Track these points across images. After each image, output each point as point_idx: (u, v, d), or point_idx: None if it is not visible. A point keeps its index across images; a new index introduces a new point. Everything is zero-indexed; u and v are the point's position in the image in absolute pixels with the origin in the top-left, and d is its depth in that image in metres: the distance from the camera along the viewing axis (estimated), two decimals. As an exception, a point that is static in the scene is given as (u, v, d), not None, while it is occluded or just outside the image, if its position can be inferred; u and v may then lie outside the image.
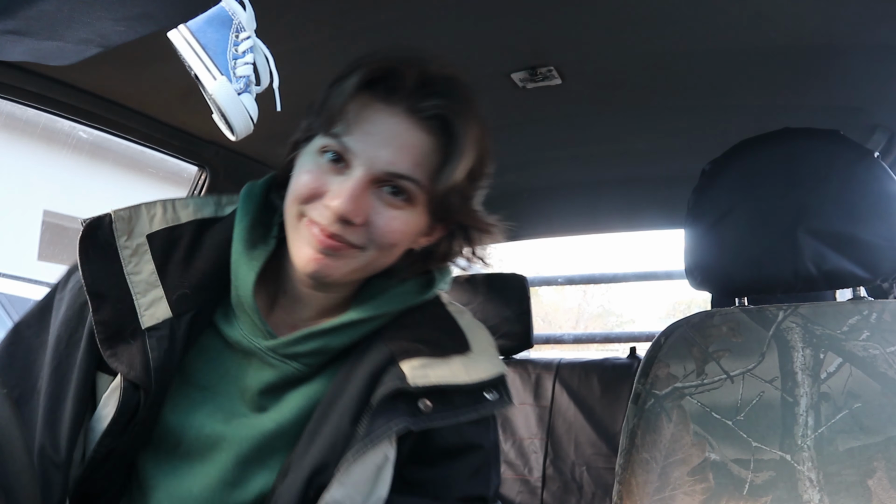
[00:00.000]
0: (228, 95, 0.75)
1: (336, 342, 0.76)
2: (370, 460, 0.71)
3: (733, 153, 1.12)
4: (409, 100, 0.73)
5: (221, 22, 0.76)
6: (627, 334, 3.06)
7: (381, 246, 0.74)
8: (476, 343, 0.80)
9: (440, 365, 0.74)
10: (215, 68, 0.75)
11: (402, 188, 0.73)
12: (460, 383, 0.74)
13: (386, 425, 0.71)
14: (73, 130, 4.53)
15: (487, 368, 0.77)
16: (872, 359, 0.99)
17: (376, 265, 0.76)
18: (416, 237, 0.79)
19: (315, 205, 0.72)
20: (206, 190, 1.55)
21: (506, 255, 5.50)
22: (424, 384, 0.72)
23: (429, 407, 0.72)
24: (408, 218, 0.74)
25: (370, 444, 0.70)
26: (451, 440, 0.77)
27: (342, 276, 0.74)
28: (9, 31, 0.76)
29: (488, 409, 0.77)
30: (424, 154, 0.73)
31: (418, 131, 0.73)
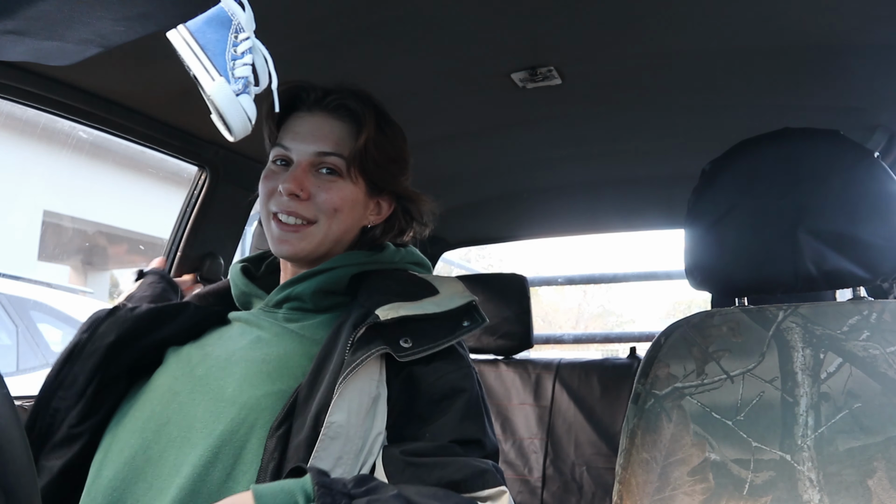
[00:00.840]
0: (226, 96, 0.75)
1: (300, 289, 0.94)
2: (363, 388, 0.81)
3: (733, 153, 1.12)
4: (318, 101, 0.97)
5: (220, 23, 0.76)
6: (627, 334, 3.07)
7: (327, 213, 0.94)
8: (445, 289, 0.92)
9: (411, 305, 0.87)
10: (214, 69, 0.75)
11: (332, 166, 0.95)
12: (430, 313, 0.86)
13: (367, 350, 0.82)
14: (73, 130, 4.53)
15: (456, 301, 0.89)
16: (872, 359, 0.99)
17: (333, 234, 0.95)
18: (360, 209, 0.98)
19: (273, 199, 0.95)
20: (206, 190, 1.55)
21: (506, 255, 5.51)
22: (395, 316, 0.84)
23: (409, 342, 0.84)
24: (342, 186, 0.95)
25: (357, 367, 0.80)
26: (436, 386, 0.85)
27: (309, 251, 0.95)
28: (9, 31, 0.77)
29: (464, 333, 0.88)
30: (341, 137, 0.96)
31: (331, 120, 0.96)
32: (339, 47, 1.18)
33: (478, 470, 0.79)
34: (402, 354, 0.83)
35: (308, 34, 1.13)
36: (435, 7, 1.08)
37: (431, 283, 0.94)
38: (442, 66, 1.28)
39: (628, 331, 3.10)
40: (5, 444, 0.56)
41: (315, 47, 1.17)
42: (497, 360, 2.26)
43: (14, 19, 0.74)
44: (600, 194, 2.09)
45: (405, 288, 0.91)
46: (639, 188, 2.00)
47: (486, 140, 1.67)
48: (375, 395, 0.82)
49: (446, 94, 1.40)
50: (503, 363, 2.24)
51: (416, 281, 0.95)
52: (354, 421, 0.80)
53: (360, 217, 0.99)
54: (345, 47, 1.18)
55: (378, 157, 0.97)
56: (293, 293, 0.95)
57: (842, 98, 1.38)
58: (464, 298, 0.90)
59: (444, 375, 0.86)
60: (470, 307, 0.90)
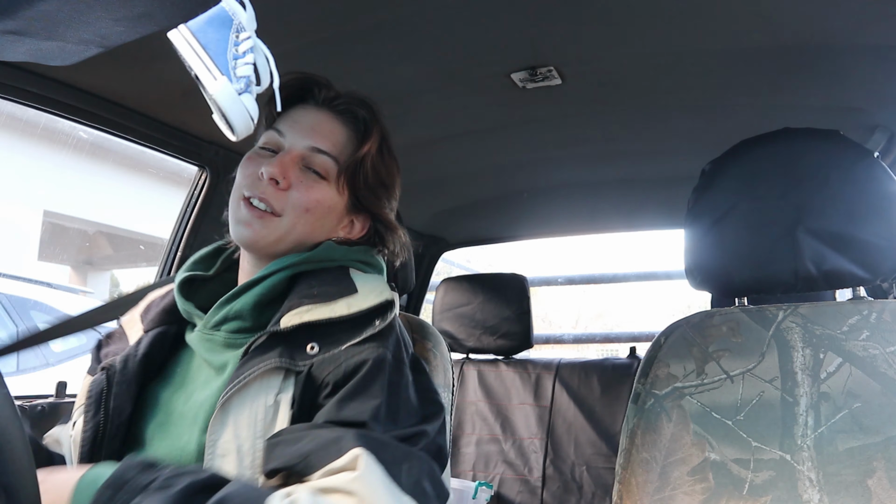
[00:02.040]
0: (229, 96, 0.75)
1: (237, 306, 0.87)
2: (256, 400, 0.77)
3: (733, 153, 1.12)
4: (326, 99, 0.94)
5: (221, 22, 0.76)
6: (627, 334, 3.07)
7: (297, 210, 0.88)
8: (364, 287, 0.85)
9: (321, 308, 0.81)
10: (216, 68, 0.75)
11: (321, 168, 0.90)
12: (337, 316, 0.80)
13: (256, 366, 0.77)
14: (73, 130, 4.53)
15: (371, 300, 0.83)
16: (872, 359, 0.99)
17: (295, 233, 0.89)
18: (334, 219, 0.93)
19: (250, 182, 0.89)
20: (206, 190, 1.55)
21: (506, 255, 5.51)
22: (295, 323, 0.80)
23: (315, 348, 0.79)
24: (324, 189, 0.90)
25: (239, 384, 0.77)
26: (333, 374, 0.78)
27: (269, 242, 0.89)
28: (9, 31, 0.76)
29: (372, 331, 0.80)
30: (341, 140, 0.92)
31: (334, 122, 0.93)
32: (339, 47, 1.18)
33: (330, 439, 0.71)
34: (304, 362, 0.78)
35: (308, 34, 1.13)
36: (435, 8, 1.08)
37: (353, 281, 0.87)
38: (442, 66, 1.28)
39: (628, 331, 3.09)
40: (5, 444, 0.56)
41: (315, 47, 1.17)
42: (497, 360, 2.26)
43: (14, 19, 0.74)
44: (600, 194, 2.09)
45: (322, 288, 0.85)
46: (639, 188, 2.01)
47: (486, 140, 1.67)
48: (273, 402, 0.77)
49: (446, 94, 1.40)
50: (503, 363, 2.24)
51: (337, 279, 0.87)
52: (246, 434, 0.75)
53: (330, 227, 0.93)
54: (345, 47, 1.18)
55: (371, 176, 0.94)
56: (231, 312, 0.87)
57: (842, 98, 1.38)
58: (378, 297, 0.83)
59: (343, 362, 0.78)
60: (385, 305, 0.83)
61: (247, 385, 0.77)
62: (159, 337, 0.91)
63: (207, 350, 0.87)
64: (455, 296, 2.26)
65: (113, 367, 0.87)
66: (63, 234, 6.48)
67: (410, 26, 1.13)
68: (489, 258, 3.30)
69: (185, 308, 0.92)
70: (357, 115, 0.94)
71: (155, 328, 0.92)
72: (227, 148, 1.52)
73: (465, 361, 2.28)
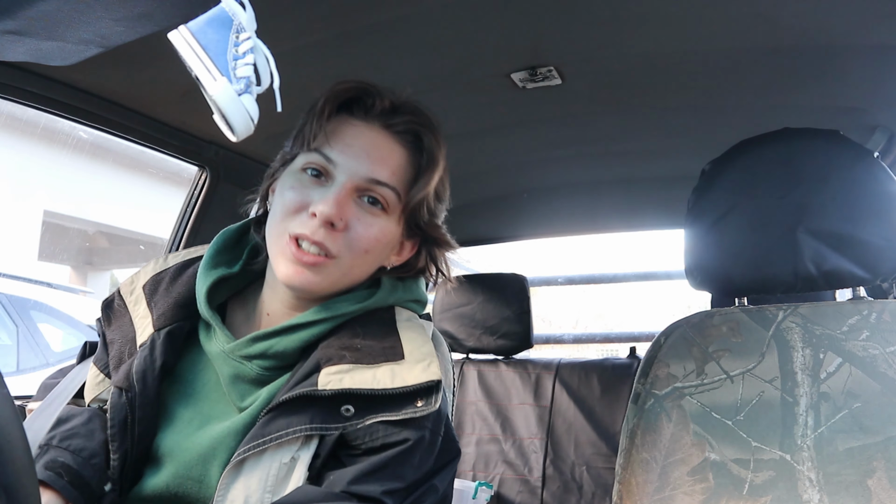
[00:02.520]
0: (229, 96, 0.75)
1: (280, 346, 0.80)
2: (271, 460, 0.73)
3: (733, 153, 1.12)
4: (383, 116, 0.82)
5: (221, 23, 0.75)
6: (627, 334, 3.06)
7: (355, 252, 0.79)
8: (412, 352, 0.78)
9: (363, 371, 0.75)
10: (216, 69, 0.75)
11: (380, 197, 0.80)
12: (380, 388, 0.74)
13: (284, 429, 0.73)
14: (73, 130, 4.53)
15: (417, 376, 0.75)
16: (872, 359, 0.99)
17: (352, 276, 0.82)
18: (389, 250, 0.85)
19: (299, 217, 0.78)
20: (206, 190, 1.55)
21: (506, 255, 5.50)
22: (335, 389, 0.73)
23: (350, 412, 0.74)
24: (383, 226, 0.81)
25: (261, 445, 0.72)
26: (371, 444, 0.74)
27: (323, 288, 0.80)
28: (9, 31, 0.77)
29: (411, 415, 0.74)
30: (400, 165, 0.82)
31: (394, 144, 0.82)
32: (339, 47, 1.18)
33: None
34: (336, 426, 0.73)
35: (308, 34, 1.13)
36: (435, 7, 1.08)
37: (400, 338, 0.80)
38: (442, 66, 1.28)
39: (628, 331, 3.09)
40: (5, 444, 0.56)
41: (315, 47, 1.17)
42: (497, 360, 2.26)
43: (14, 19, 0.74)
44: (600, 194, 2.09)
45: (366, 342, 0.78)
46: (639, 188, 2.00)
47: (486, 140, 1.67)
48: (289, 460, 0.73)
49: (446, 94, 1.40)
50: (503, 363, 2.24)
51: (383, 332, 0.80)
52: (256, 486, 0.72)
53: (384, 258, 0.85)
54: (345, 47, 1.18)
55: (433, 203, 0.85)
56: (271, 351, 0.79)
57: (842, 98, 1.38)
58: (425, 374, 0.76)
59: (381, 437, 0.74)
60: (431, 387, 0.76)
61: (266, 449, 0.73)
62: (173, 338, 0.84)
63: (232, 380, 0.81)
64: (455, 296, 2.26)
65: (132, 387, 0.79)
66: (63, 234, 6.48)
67: (410, 26, 1.13)
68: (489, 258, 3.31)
69: (209, 317, 0.83)
70: (421, 136, 0.83)
71: (167, 326, 0.84)
72: (227, 148, 1.52)
73: (465, 361, 2.28)
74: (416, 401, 0.75)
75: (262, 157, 1.57)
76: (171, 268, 0.90)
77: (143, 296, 0.88)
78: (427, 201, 0.83)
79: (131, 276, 0.92)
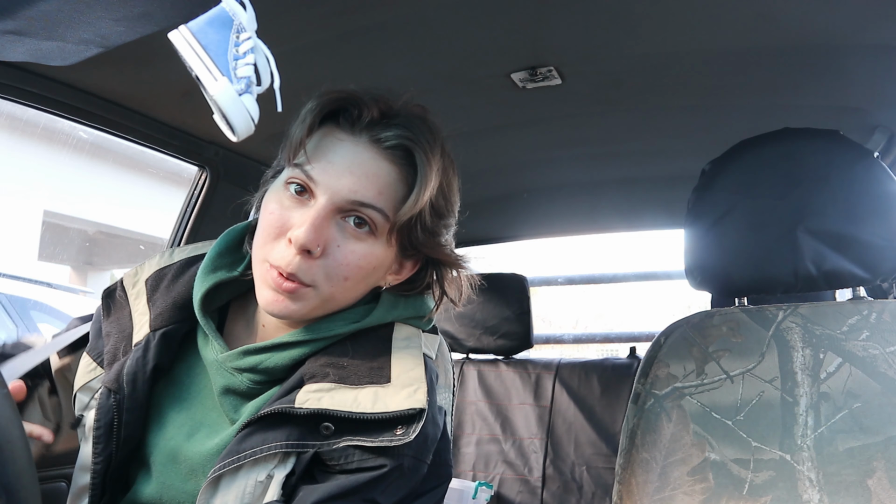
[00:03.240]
0: (229, 96, 0.75)
1: (271, 362, 0.77)
2: (247, 477, 0.70)
3: (733, 153, 1.12)
4: (372, 130, 0.75)
5: (222, 22, 0.75)
6: (627, 334, 3.06)
7: (334, 280, 0.74)
8: (400, 375, 0.74)
9: (345, 392, 0.72)
10: (216, 69, 0.75)
11: (366, 218, 0.74)
12: (358, 412, 0.70)
13: (259, 445, 0.70)
14: (73, 130, 4.53)
15: (400, 402, 0.71)
16: (872, 359, 0.99)
17: (336, 301, 0.77)
18: (381, 272, 0.79)
19: (278, 245, 0.74)
20: (206, 190, 1.55)
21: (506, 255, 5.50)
22: (312, 408, 0.70)
23: (330, 429, 0.71)
24: (368, 250, 0.75)
25: (236, 462, 0.70)
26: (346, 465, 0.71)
27: (302, 315, 0.76)
28: (9, 31, 0.77)
29: (386, 443, 0.70)
30: (388, 184, 0.74)
31: (381, 160, 0.74)
32: (339, 47, 1.18)
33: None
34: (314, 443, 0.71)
35: (308, 34, 1.13)
36: (435, 8, 1.08)
37: (391, 360, 0.76)
38: (442, 66, 1.28)
39: (628, 331, 3.09)
40: (5, 443, 0.56)
41: (315, 47, 1.17)
42: (497, 360, 2.26)
43: (14, 19, 0.74)
44: (600, 194, 2.09)
45: (354, 362, 0.75)
46: (639, 188, 2.01)
47: (486, 140, 1.67)
48: (265, 478, 0.71)
49: (446, 94, 1.40)
50: (503, 363, 2.24)
51: (374, 352, 0.77)
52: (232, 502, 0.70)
53: (375, 281, 0.79)
54: (345, 47, 1.18)
55: (430, 221, 0.77)
56: (261, 366, 0.77)
57: (842, 98, 1.38)
58: (407, 401, 0.71)
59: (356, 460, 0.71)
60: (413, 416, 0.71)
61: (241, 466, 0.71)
62: (168, 339, 0.82)
63: (223, 391, 0.79)
64: (455, 296, 2.25)
65: (121, 389, 0.77)
66: (63, 234, 6.48)
67: (410, 26, 1.13)
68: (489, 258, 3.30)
69: (203, 324, 0.81)
70: (411, 150, 0.75)
71: (163, 328, 0.82)
72: (227, 148, 1.52)
73: (465, 361, 2.28)
74: (396, 428, 0.71)
75: (262, 157, 1.57)
76: (176, 264, 0.88)
77: (144, 290, 0.86)
78: (421, 219, 0.76)
79: (135, 268, 0.89)
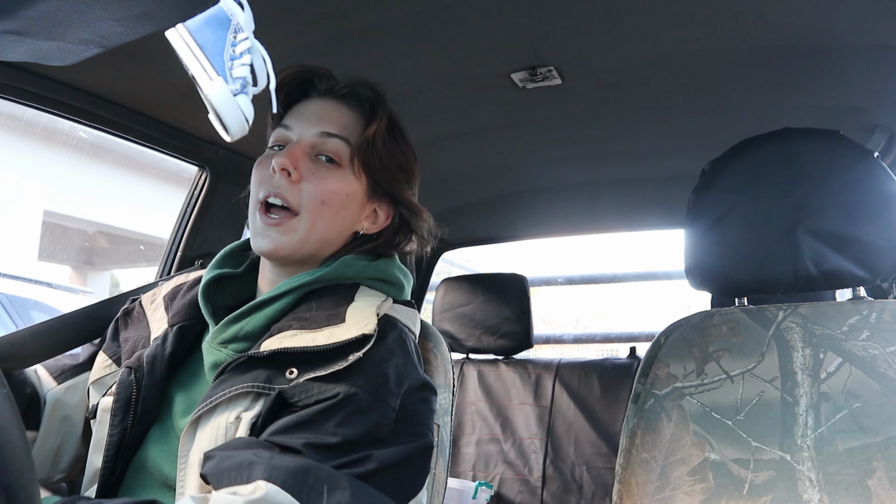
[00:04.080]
0: (224, 96, 0.75)
1: (249, 326, 0.85)
2: (219, 418, 0.77)
3: (733, 153, 1.12)
4: (328, 87, 0.94)
5: (219, 22, 0.75)
6: (627, 334, 3.07)
7: (314, 204, 0.86)
8: (355, 315, 0.82)
9: (304, 335, 0.80)
10: (212, 69, 0.75)
11: (333, 153, 0.89)
12: (314, 346, 0.78)
13: (226, 389, 0.78)
14: (73, 130, 4.53)
15: (352, 331, 0.79)
16: (872, 359, 0.99)
17: (318, 232, 0.87)
18: (354, 208, 0.90)
19: (264, 183, 0.87)
20: (206, 190, 1.55)
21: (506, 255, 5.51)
22: (273, 349, 0.79)
23: (293, 373, 0.78)
24: (340, 177, 0.89)
25: (207, 406, 0.78)
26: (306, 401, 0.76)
27: (291, 249, 0.87)
28: (9, 31, 0.76)
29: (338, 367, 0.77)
30: (349, 123, 0.91)
31: (340, 106, 0.93)
32: (338, 47, 1.18)
33: (244, 462, 0.70)
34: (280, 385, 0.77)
35: (307, 34, 1.13)
36: (435, 7, 1.08)
37: (346, 310, 0.83)
38: (442, 66, 1.28)
39: (628, 331, 3.09)
40: (5, 443, 0.56)
41: (314, 47, 1.17)
42: (497, 360, 2.26)
43: (14, 19, 0.74)
44: (600, 194, 2.09)
45: (318, 314, 0.83)
46: (639, 188, 2.01)
47: (486, 140, 1.67)
48: (234, 420, 0.77)
49: (446, 94, 1.40)
50: (503, 363, 2.24)
51: (338, 304, 0.84)
52: (207, 446, 0.77)
53: (352, 219, 0.91)
54: (345, 47, 1.18)
55: (385, 157, 0.92)
56: (241, 332, 0.85)
57: (842, 98, 1.38)
58: (360, 329, 0.79)
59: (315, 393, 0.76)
60: (361, 340, 0.79)
61: (216, 406, 0.78)
62: (183, 333, 0.91)
63: (212, 367, 0.87)
64: (455, 296, 2.26)
65: (141, 367, 0.86)
66: (63, 234, 6.48)
67: (410, 26, 1.13)
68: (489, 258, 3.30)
69: (205, 312, 0.91)
70: (361, 96, 0.93)
71: (179, 323, 0.91)
72: (227, 148, 1.52)
73: (465, 361, 2.28)
74: (349, 355, 0.77)
75: (261, 157, 1.57)
76: (191, 279, 1.00)
77: (162, 303, 0.97)
78: (377, 150, 0.90)
79: (153, 291, 1.02)
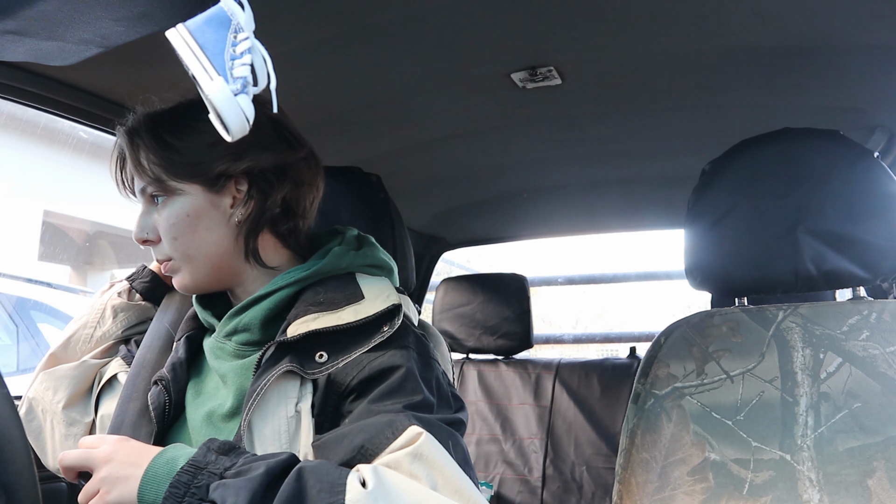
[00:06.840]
0: (225, 96, 0.75)
1: (247, 318, 0.87)
2: (275, 414, 0.77)
3: (733, 153, 1.12)
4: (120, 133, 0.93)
5: (220, 22, 0.75)
6: (627, 334, 3.07)
7: (172, 244, 0.87)
8: (371, 292, 0.84)
9: (328, 315, 0.81)
10: (212, 69, 0.75)
11: (156, 191, 0.88)
12: (343, 323, 0.79)
13: (269, 374, 0.78)
14: (73, 130, 4.53)
15: (378, 305, 0.82)
16: (872, 359, 0.99)
17: (196, 259, 0.88)
18: (206, 211, 0.87)
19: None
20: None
21: (506, 255, 5.51)
22: (303, 331, 0.79)
23: (324, 357, 0.79)
24: (173, 206, 0.87)
25: (258, 397, 0.77)
26: (361, 376, 0.78)
27: (191, 285, 0.90)
28: (9, 31, 0.76)
29: (383, 337, 0.79)
30: (143, 156, 0.89)
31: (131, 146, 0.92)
32: (338, 47, 1.18)
33: (382, 423, 0.71)
34: (313, 371, 0.78)
35: (307, 34, 1.13)
36: (435, 8, 1.08)
37: (360, 287, 0.86)
38: (442, 66, 1.28)
39: (628, 331, 3.09)
40: (5, 443, 0.56)
41: (314, 48, 1.17)
42: (497, 360, 2.26)
43: (14, 19, 0.74)
44: (600, 194, 2.09)
45: (329, 295, 0.84)
46: (639, 188, 2.01)
47: (486, 140, 1.67)
48: (294, 413, 0.78)
49: (446, 94, 1.40)
50: (503, 363, 2.24)
51: (344, 287, 0.86)
52: (272, 449, 0.76)
53: (217, 222, 0.88)
54: (345, 47, 1.18)
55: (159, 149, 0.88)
56: (240, 324, 0.87)
57: (842, 98, 1.38)
58: (385, 302, 0.82)
59: (367, 365, 0.78)
60: (392, 311, 0.82)
61: (265, 398, 0.77)
62: (191, 342, 0.94)
63: (216, 358, 0.89)
64: (455, 296, 2.26)
65: (165, 378, 0.88)
66: (63, 234, 6.47)
67: (410, 26, 1.13)
68: (489, 258, 3.31)
69: (203, 317, 0.93)
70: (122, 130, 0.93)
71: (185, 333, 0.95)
72: (227, 148, 1.51)
73: (465, 361, 2.28)
74: (383, 327, 0.80)
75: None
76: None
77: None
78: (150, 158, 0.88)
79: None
